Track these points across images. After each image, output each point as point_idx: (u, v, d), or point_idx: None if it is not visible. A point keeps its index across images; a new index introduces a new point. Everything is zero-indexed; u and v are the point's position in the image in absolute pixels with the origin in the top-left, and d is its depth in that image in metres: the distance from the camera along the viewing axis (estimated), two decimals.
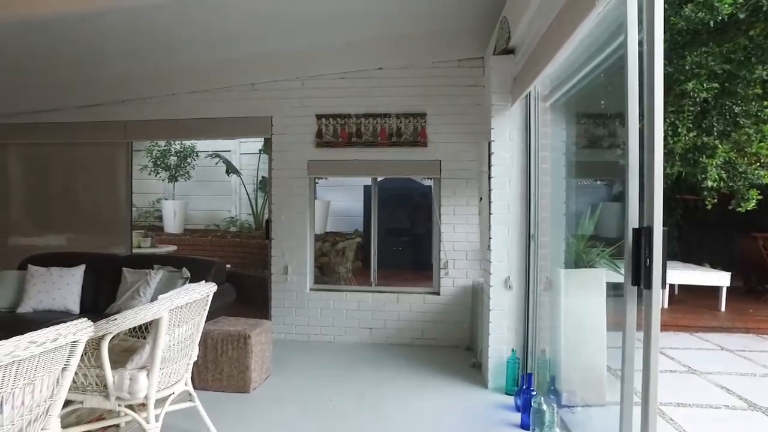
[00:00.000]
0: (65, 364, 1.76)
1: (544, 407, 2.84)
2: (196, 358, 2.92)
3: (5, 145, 6.07)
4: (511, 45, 3.55)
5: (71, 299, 4.28)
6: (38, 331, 1.56)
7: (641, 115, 1.82)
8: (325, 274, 6.61)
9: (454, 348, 4.89)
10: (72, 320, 1.71)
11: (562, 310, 3.32)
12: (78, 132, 5.76)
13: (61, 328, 1.63)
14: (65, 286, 4.29)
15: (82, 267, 4.46)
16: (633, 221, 1.85)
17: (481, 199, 4.31)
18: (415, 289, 5.19)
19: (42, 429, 1.78)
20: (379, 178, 5.41)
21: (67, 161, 6.02)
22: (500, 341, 3.74)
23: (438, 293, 5.05)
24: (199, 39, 4.66)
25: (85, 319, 1.77)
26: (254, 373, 3.74)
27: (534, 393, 3.09)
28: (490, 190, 3.77)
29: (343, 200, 8.44)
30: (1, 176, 6.08)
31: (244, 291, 5.82)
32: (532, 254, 3.64)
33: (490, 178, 3.77)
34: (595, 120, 4.33)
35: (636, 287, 1.77)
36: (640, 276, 1.71)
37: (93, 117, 5.69)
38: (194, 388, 2.96)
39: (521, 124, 3.69)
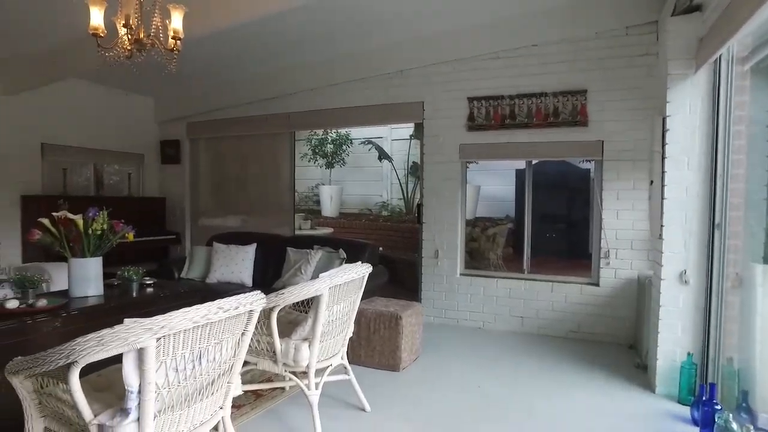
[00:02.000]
0: (244, 330, 1.99)
1: (734, 426, 2.43)
2: (351, 335, 3.09)
3: (197, 140, 7.08)
4: (697, 0, 3.05)
5: (246, 273, 4.84)
6: (223, 299, 1.78)
7: None
8: (474, 259, 6.52)
9: (615, 345, 4.48)
10: (247, 292, 1.92)
11: (759, 313, 2.80)
12: (250, 125, 6.48)
13: (241, 298, 1.84)
14: (241, 262, 4.87)
15: (254, 245, 5.01)
16: None
17: (652, 182, 3.84)
18: (571, 278, 4.86)
19: (228, 382, 2.05)
20: (534, 162, 5.14)
21: (242, 151, 6.81)
22: (672, 342, 3.30)
23: (597, 284, 4.65)
24: (353, 29, 4.87)
25: (259, 291, 1.97)
26: (404, 353, 3.84)
27: (719, 407, 2.67)
28: (663, 171, 3.32)
29: (493, 185, 8.22)
30: (194, 167, 7.12)
31: (395, 273, 6.03)
32: (717, 246, 3.14)
33: (664, 158, 3.32)
34: None
35: None
36: None
37: (262, 111, 6.34)
38: (348, 362, 3.15)
39: (707, 94, 3.17)
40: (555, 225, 7.42)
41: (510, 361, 4.10)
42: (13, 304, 2.69)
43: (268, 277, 4.85)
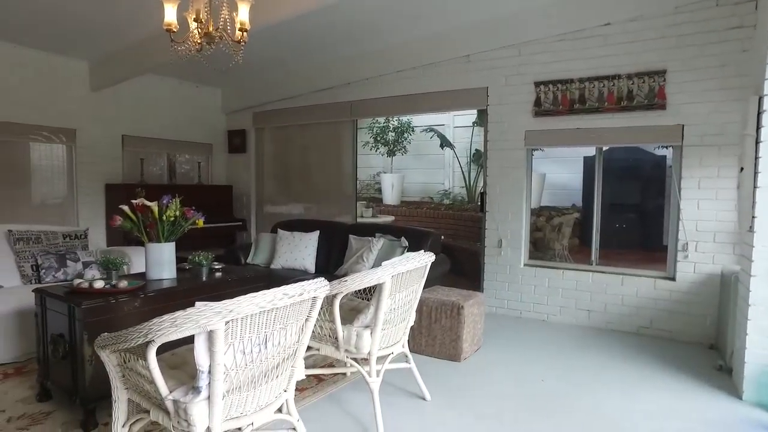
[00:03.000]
0: (308, 316, 2.02)
1: None
2: (412, 323, 3.08)
3: (262, 129, 7.28)
4: None
5: (309, 260, 4.94)
6: (288, 285, 1.81)
7: None
8: (538, 249, 6.32)
9: (693, 344, 4.19)
10: (310, 279, 1.94)
11: None
12: (313, 114, 6.58)
13: (305, 284, 1.86)
14: (304, 249, 4.97)
15: (317, 232, 5.10)
16: None
17: (742, 169, 3.52)
18: (643, 271, 4.59)
19: (292, 366, 2.10)
20: (604, 148, 4.87)
21: (305, 140, 6.93)
22: (764, 345, 3.03)
23: (673, 278, 4.36)
24: (417, 15, 4.79)
25: (323, 278, 1.99)
26: (465, 343, 3.79)
27: None
28: (757, 157, 3.03)
29: (559, 172, 7.90)
30: (259, 155, 7.34)
31: (456, 262, 5.94)
32: None
33: (758, 142, 3.03)
34: None
35: None
36: None
37: (324, 99, 6.41)
38: (409, 351, 3.14)
39: None
40: (626, 215, 7.03)
41: (575, 355, 3.94)
42: (100, 284, 2.89)
43: (330, 264, 4.92)
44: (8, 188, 5.25)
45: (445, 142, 8.71)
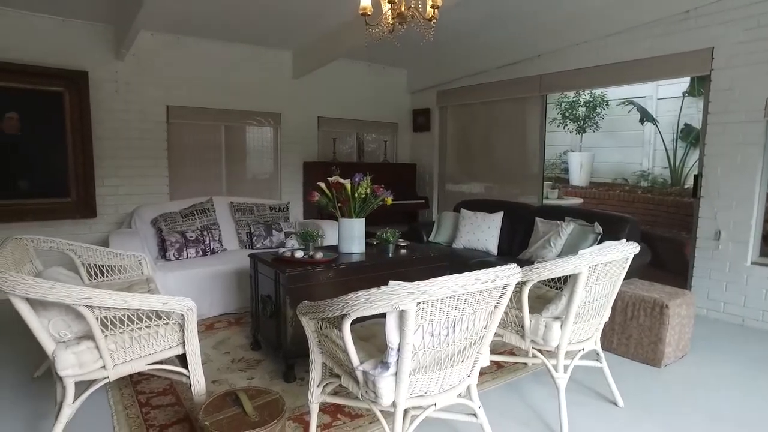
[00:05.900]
0: (497, 303, 1.92)
1: None
2: (607, 319, 2.77)
3: (445, 108, 7.27)
4: None
5: (491, 242, 4.80)
6: (481, 270, 1.73)
7: None
8: None
9: None
10: (492, 261, 1.83)
11: None
12: (497, 90, 6.31)
13: (498, 271, 1.76)
14: (487, 230, 4.84)
15: (501, 213, 4.92)
16: None
17: None
18: None
19: (478, 352, 2.04)
20: None
21: (488, 118, 6.71)
22: None
23: None
24: None
25: (515, 265, 1.86)
26: (668, 347, 3.30)
27: None
28: None
29: None
30: (442, 134, 7.37)
31: (655, 253, 5.23)
32: None
33: None
34: None
35: None
36: None
37: (510, 75, 6.10)
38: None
39: None
40: None
41: None
42: (299, 254, 3.19)
43: (513, 247, 4.71)
44: (231, 166, 6.15)
45: (646, 117, 7.66)
